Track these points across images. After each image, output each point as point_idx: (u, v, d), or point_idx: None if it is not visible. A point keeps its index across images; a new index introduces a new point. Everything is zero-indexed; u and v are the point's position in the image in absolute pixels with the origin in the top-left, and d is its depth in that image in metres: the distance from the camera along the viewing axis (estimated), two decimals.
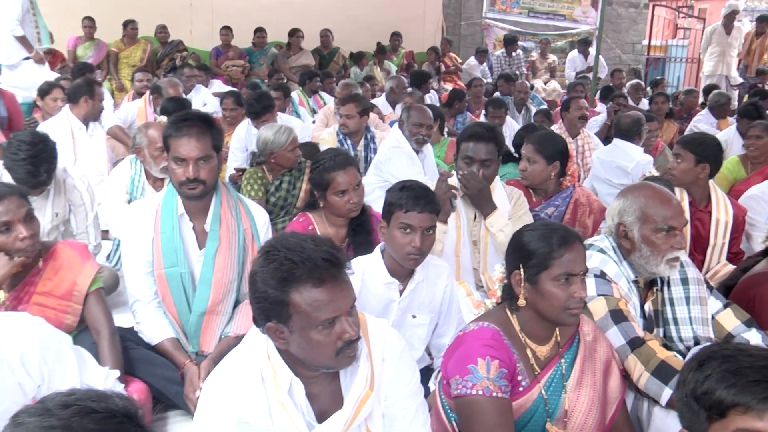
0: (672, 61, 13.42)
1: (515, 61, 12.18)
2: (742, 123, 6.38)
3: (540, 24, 14.12)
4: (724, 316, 2.51)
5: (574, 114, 5.85)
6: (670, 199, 2.43)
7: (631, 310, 2.32)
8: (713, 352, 1.44)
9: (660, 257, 2.36)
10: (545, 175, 3.67)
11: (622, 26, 15.25)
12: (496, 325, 2.03)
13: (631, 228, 2.40)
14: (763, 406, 1.32)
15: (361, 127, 5.36)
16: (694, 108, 9.29)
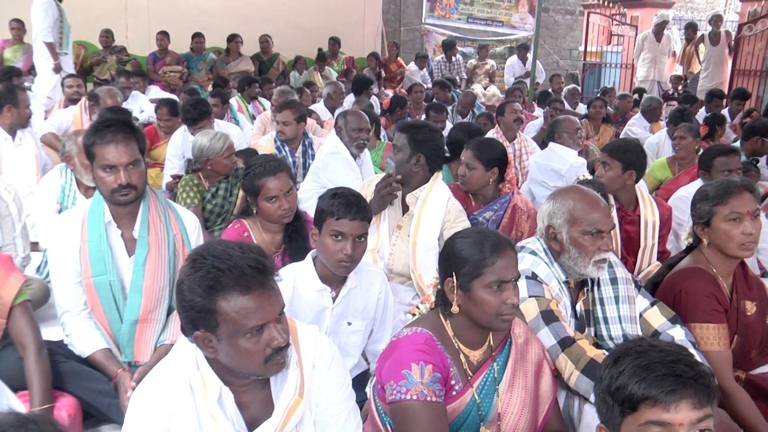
0: (607, 66, 13.76)
1: (455, 67, 12.34)
2: (671, 128, 6.69)
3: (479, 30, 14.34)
4: (651, 313, 2.58)
5: (509, 117, 5.94)
6: (598, 203, 2.47)
7: (562, 311, 2.36)
8: (628, 349, 1.48)
9: (587, 259, 2.41)
10: (484, 180, 3.72)
11: (559, 32, 15.61)
12: (430, 330, 2.04)
13: (560, 230, 2.44)
14: (669, 398, 1.36)
15: (298, 134, 5.35)
16: (628, 112, 9.57)
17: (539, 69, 12.41)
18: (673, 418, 1.37)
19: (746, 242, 2.56)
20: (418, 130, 3.45)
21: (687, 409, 1.37)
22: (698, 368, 1.42)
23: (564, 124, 5.30)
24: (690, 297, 2.57)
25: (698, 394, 1.38)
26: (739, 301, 2.65)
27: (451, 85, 10.00)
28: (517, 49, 12.86)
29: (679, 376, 1.38)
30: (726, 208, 2.58)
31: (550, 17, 15.36)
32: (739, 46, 11.07)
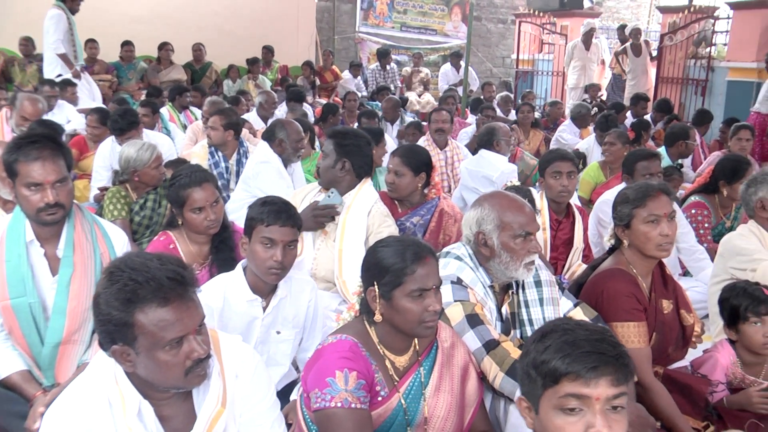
0: (539, 74, 14.07)
1: (389, 75, 12.43)
2: (598, 134, 6.99)
3: (413, 38, 14.50)
4: (575, 314, 2.64)
5: (432, 126, 6.04)
6: (524, 206, 2.53)
7: (487, 314, 2.40)
8: (555, 326, 1.55)
9: (519, 262, 2.46)
10: (413, 186, 3.77)
11: (492, 41, 15.91)
12: (355, 337, 2.05)
13: (490, 236, 2.48)
14: (591, 374, 1.43)
15: (225, 140, 5.29)
16: (559, 118, 9.81)
17: (473, 77, 12.62)
18: (591, 392, 1.43)
19: (663, 243, 2.66)
20: (344, 136, 3.47)
21: (605, 385, 1.43)
22: (620, 348, 1.48)
23: (501, 131, 5.41)
24: (611, 297, 2.65)
25: (617, 373, 1.44)
26: (658, 299, 2.75)
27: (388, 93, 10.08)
28: (451, 57, 13.04)
29: (601, 354, 1.44)
30: (644, 210, 2.68)
31: (483, 26, 15.64)
32: (661, 56, 11.49)
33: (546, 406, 1.49)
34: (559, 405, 1.46)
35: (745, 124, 6.64)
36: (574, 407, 1.45)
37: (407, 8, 14.36)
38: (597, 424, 1.43)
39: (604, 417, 1.44)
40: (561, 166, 4.04)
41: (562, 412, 1.46)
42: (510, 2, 15.91)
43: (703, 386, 2.67)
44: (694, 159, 7.84)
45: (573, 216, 4.15)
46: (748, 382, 2.79)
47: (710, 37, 10.91)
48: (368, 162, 3.51)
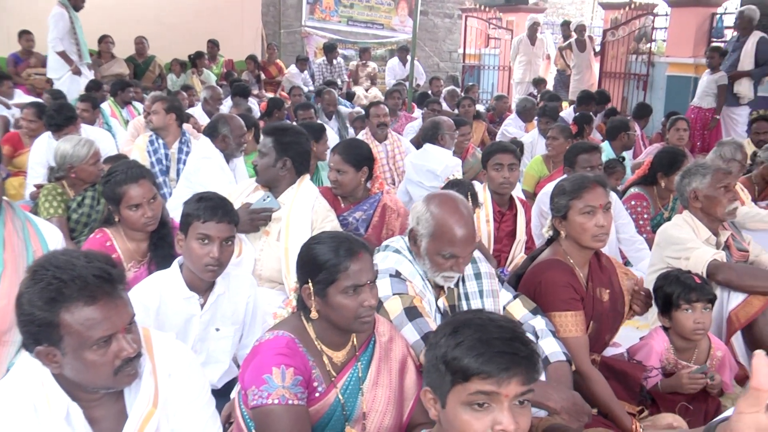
0: (486, 68, 14.21)
1: (336, 69, 12.38)
2: (541, 122, 7.18)
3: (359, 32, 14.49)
4: (514, 306, 2.68)
5: (373, 121, 6.03)
6: (463, 225, 2.40)
7: (426, 307, 2.41)
8: (468, 320, 1.53)
9: (437, 273, 2.45)
10: (356, 182, 3.76)
11: (439, 35, 16.00)
12: (292, 334, 2.04)
13: (421, 239, 2.44)
14: (503, 375, 1.43)
15: (167, 124, 5.16)
16: (504, 113, 9.93)
17: (420, 71, 12.67)
18: (501, 390, 1.44)
19: (599, 234, 2.70)
20: (283, 133, 3.42)
21: (516, 384, 1.44)
22: (531, 347, 1.49)
23: (445, 125, 5.44)
24: (549, 287, 2.69)
25: (527, 372, 1.45)
26: (595, 289, 2.80)
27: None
28: (398, 51, 13.06)
29: (514, 354, 1.45)
30: (581, 201, 2.72)
31: (430, 20, 15.72)
32: (604, 51, 11.72)
33: (454, 400, 1.49)
34: (467, 401, 1.46)
35: (681, 116, 6.82)
36: (482, 403, 1.45)
37: (354, 2, 14.36)
38: (504, 421, 1.44)
39: (511, 413, 1.45)
40: (502, 158, 4.09)
41: (470, 408, 1.46)
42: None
43: (638, 372, 2.73)
44: (636, 151, 8.03)
45: (516, 208, 4.21)
46: (681, 367, 2.88)
47: (650, 34, 11.19)
48: (307, 158, 3.48)
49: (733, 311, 3.14)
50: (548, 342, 2.56)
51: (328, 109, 8.08)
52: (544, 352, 2.53)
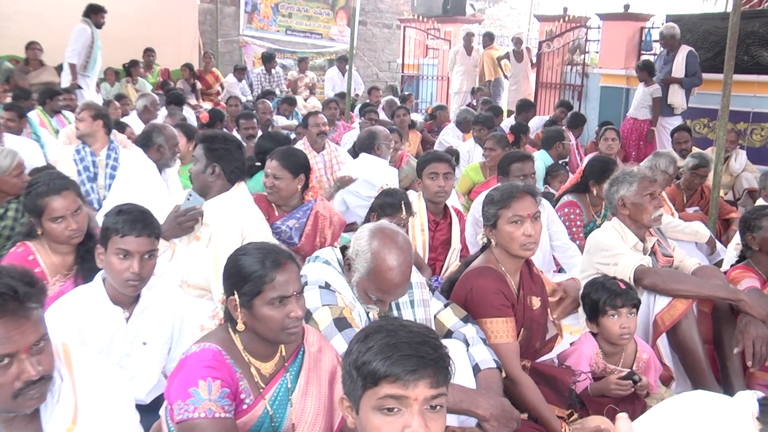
0: (425, 78, 14.35)
1: (275, 79, 12.32)
2: (474, 129, 7.33)
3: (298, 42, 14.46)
4: (445, 314, 2.71)
5: (312, 130, 6.03)
6: (399, 275, 2.37)
7: (355, 318, 2.41)
8: (380, 326, 1.55)
9: (362, 300, 2.47)
10: (292, 189, 3.76)
11: (378, 45, 16.10)
12: (219, 345, 2.01)
13: (355, 271, 2.43)
14: (410, 377, 1.44)
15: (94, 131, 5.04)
16: (443, 122, 10.04)
17: (359, 81, 12.72)
18: (409, 393, 1.44)
19: (527, 243, 2.74)
20: (213, 140, 3.40)
21: (424, 387, 1.45)
22: (441, 351, 1.50)
23: (382, 135, 5.47)
24: (480, 294, 2.73)
25: (437, 375, 1.46)
26: (526, 296, 2.85)
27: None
28: (337, 61, 13.09)
29: (422, 357, 1.46)
30: (509, 211, 2.76)
31: (368, 30, 15.82)
32: (540, 62, 11.99)
33: (366, 406, 1.49)
34: (378, 406, 1.47)
35: (611, 126, 7.03)
36: (392, 407, 1.46)
37: (292, 12, 14.33)
38: (414, 425, 1.44)
39: (422, 417, 1.45)
40: (437, 167, 4.14)
41: (380, 413, 1.47)
42: (395, 7, 16.17)
43: (566, 377, 2.79)
44: (571, 160, 8.22)
45: (450, 217, 4.25)
46: (609, 371, 2.96)
47: (584, 46, 11.49)
48: (240, 166, 3.46)
49: (658, 315, 3.23)
50: (479, 349, 2.59)
51: (264, 118, 8.03)
52: (474, 359, 2.56)
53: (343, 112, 9.18)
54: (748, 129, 9.01)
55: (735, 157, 7.64)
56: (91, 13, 9.22)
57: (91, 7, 9.25)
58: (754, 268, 3.59)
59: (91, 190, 4.84)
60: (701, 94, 8.69)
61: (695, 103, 8.85)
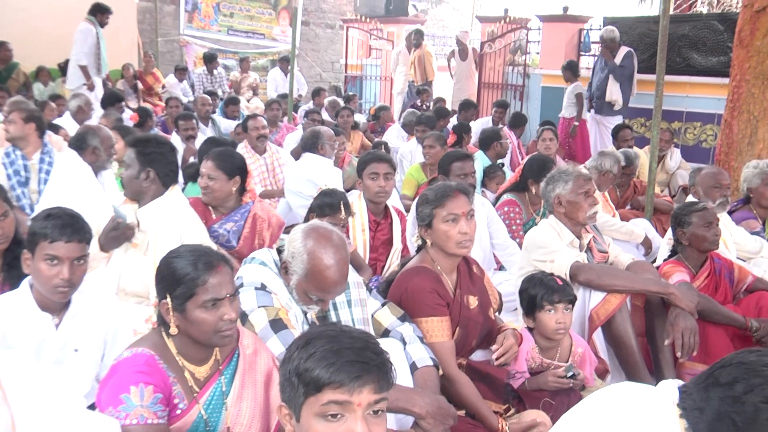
0: (368, 78, 14.39)
1: (217, 79, 12.17)
2: (417, 130, 7.34)
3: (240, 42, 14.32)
4: (382, 314, 2.72)
5: (252, 134, 6.00)
6: (337, 273, 2.37)
7: (292, 319, 2.41)
8: (320, 332, 1.54)
9: (302, 305, 2.48)
10: (227, 190, 3.72)
11: (321, 46, 16.06)
12: (151, 350, 1.99)
13: (292, 274, 2.42)
14: (354, 383, 1.45)
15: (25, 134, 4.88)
16: (387, 123, 10.08)
17: (301, 81, 12.67)
18: (353, 399, 1.45)
19: (463, 241, 2.77)
20: (146, 144, 3.34)
21: (368, 392, 1.46)
22: (383, 356, 1.51)
23: (325, 135, 5.46)
24: (415, 293, 2.75)
25: (380, 381, 1.47)
26: (463, 295, 2.88)
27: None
28: (279, 61, 13.00)
29: (365, 363, 1.46)
30: (444, 210, 2.78)
31: (311, 31, 15.77)
32: (482, 62, 12.15)
33: (308, 413, 1.48)
34: (321, 412, 1.46)
35: (548, 127, 7.17)
36: (336, 413, 1.46)
37: (234, 11, 14.19)
38: (357, 430, 1.45)
39: (365, 422, 1.46)
40: (378, 168, 4.15)
41: (323, 419, 1.46)
42: (337, 8, 16.16)
43: (501, 373, 2.84)
44: (513, 160, 8.35)
45: (391, 217, 4.27)
46: (546, 365, 3.02)
47: (525, 46, 11.69)
48: (174, 169, 3.41)
49: (593, 309, 3.32)
50: (415, 347, 2.61)
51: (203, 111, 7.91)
52: (411, 357, 2.58)
53: (286, 113, 9.12)
54: (682, 128, 9.29)
55: (670, 156, 7.88)
56: (98, 12, 9.20)
57: (98, 7, 9.22)
58: (684, 262, 3.72)
59: (22, 195, 4.69)
60: (639, 95, 8.94)
61: (633, 103, 9.11)
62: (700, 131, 9.17)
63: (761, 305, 3.65)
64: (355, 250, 4.02)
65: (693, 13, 12.57)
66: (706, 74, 8.81)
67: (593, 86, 9.08)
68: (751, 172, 4.79)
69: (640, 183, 6.42)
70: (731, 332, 3.53)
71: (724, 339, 3.49)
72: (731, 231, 4.45)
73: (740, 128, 5.76)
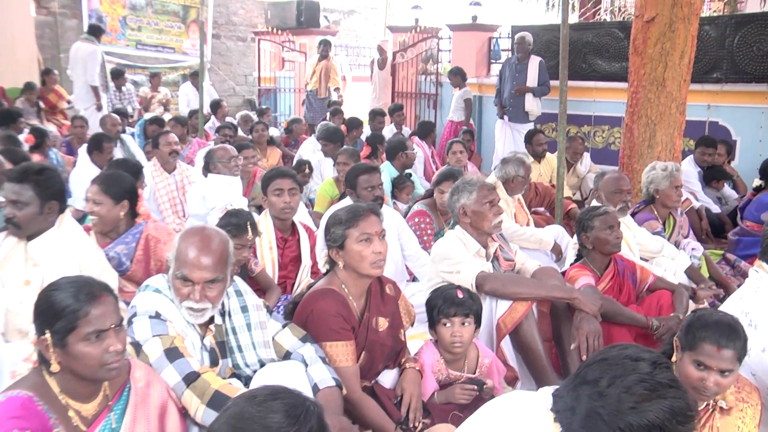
0: (282, 91, 14.29)
1: (126, 96, 11.82)
2: (323, 143, 7.43)
3: (149, 56, 13.97)
4: (283, 335, 2.68)
5: (164, 150, 5.86)
6: (197, 248, 2.40)
7: (188, 346, 2.34)
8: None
9: (181, 303, 2.42)
10: (114, 215, 3.59)
11: (233, 59, 15.86)
12: (29, 391, 1.88)
13: (168, 267, 2.45)
14: None
15: None
16: (301, 136, 10.00)
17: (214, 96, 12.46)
18: None
19: (377, 261, 2.77)
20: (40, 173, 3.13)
21: None
22: None
23: (217, 154, 5.37)
24: (319, 317, 2.72)
25: None
26: (371, 318, 2.86)
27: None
28: (191, 76, 12.75)
29: None
30: (357, 230, 2.77)
31: (222, 44, 15.57)
32: (395, 71, 12.24)
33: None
34: None
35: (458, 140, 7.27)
36: None
37: (142, 25, 13.83)
38: None
39: None
40: (282, 183, 4.11)
41: None
42: (249, 20, 16.00)
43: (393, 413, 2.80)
44: (426, 168, 8.43)
45: (298, 233, 4.22)
46: (453, 377, 3.03)
47: (436, 55, 11.84)
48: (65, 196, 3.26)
49: (500, 318, 3.35)
50: (317, 368, 2.57)
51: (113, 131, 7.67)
52: (313, 378, 2.55)
53: (196, 128, 8.94)
54: (591, 132, 9.59)
55: (580, 161, 8.10)
56: (95, 31, 10.21)
57: (95, 27, 10.42)
58: (590, 266, 3.82)
59: None
60: (548, 100, 9.17)
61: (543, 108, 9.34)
62: (608, 134, 9.48)
63: (661, 304, 3.78)
64: (263, 270, 3.96)
65: (596, 21, 13.02)
66: (610, 79, 9.13)
67: (504, 93, 9.22)
68: (658, 174, 4.94)
69: (541, 185, 6.60)
70: (634, 332, 3.64)
71: (627, 339, 3.58)
72: (634, 232, 4.60)
73: (640, 132, 5.97)
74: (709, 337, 2.29)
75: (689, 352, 2.34)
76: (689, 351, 2.34)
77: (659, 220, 5.00)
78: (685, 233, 5.32)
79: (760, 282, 2.88)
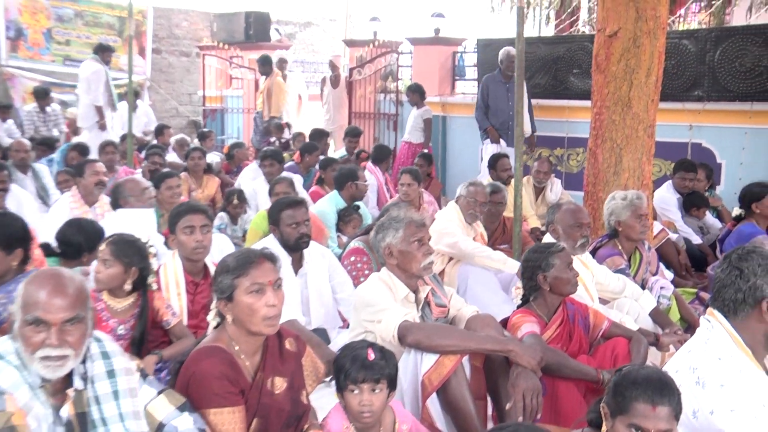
0: (230, 111, 14.19)
1: (51, 117, 11.69)
2: (264, 164, 7.64)
3: None
4: (156, 404, 2.51)
5: (90, 180, 5.72)
6: (56, 285, 2.30)
7: (32, 422, 2.20)
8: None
9: (31, 358, 2.26)
10: (5, 267, 3.46)
11: (176, 76, 15.78)
12: None
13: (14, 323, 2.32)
14: None
15: None
16: (243, 161, 9.86)
17: (152, 117, 12.35)
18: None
19: (271, 315, 2.63)
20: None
21: None
22: None
23: (127, 187, 5.25)
24: (201, 380, 2.57)
25: None
26: (266, 379, 2.71)
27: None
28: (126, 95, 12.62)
29: None
30: (247, 279, 2.63)
31: (164, 59, 15.49)
32: (352, 89, 12.21)
33: None
34: None
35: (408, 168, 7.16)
36: None
37: (70, 38, 13.72)
38: None
39: None
40: (193, 220, 4.00)
41: None
42: (193, 33, 15.96)
43: None
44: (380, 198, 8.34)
45: (211, 276, 4.09)
46: None
47: (396, 72, 11.82)
48: None
49: (425, 374, 3.22)
50: None
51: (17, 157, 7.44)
52: None
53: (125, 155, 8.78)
54: (564, 155, 9.56)
55: (550, 187, 8.08)
56: (101, 51, 10.77)
57: (102, 47, 10.99)
58: (535, 311, 3.72)
59: None
60: None
61: None
62: (583, 157, 9.40)
63: (617, 353, 3.70)
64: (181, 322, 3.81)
65: (567, 35, 13.12)
66: (584, 98, 9.06)
67: (500, 114, 9.04)
68: (618, 204, 4.90)
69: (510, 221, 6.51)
70: (584, 387, 3.54)
71: (575, 395, 3.49)
72: (593, 271, 4.53)
73: (605, 157, 5.92)
74: (640, 395, 2.21)
75: (621, 416, 2.25)
76: (620, 415, 2.25)
77: (623, 255, 4.94)
78: (654, 270, 5.27)
79: (710, 333, 2.77)
